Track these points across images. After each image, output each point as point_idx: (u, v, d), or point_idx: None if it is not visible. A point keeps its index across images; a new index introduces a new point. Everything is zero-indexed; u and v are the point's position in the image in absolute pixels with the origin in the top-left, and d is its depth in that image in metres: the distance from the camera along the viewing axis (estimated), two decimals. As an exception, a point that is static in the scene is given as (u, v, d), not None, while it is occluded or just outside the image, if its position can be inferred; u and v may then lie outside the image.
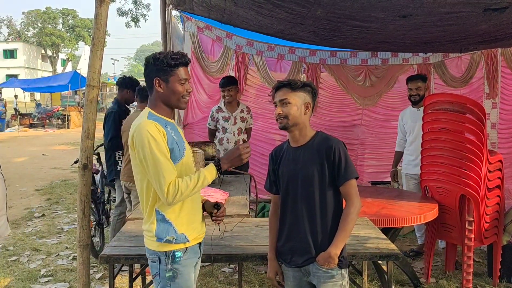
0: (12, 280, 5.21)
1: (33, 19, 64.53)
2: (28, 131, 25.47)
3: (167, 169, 2.50)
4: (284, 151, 2.92)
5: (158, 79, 2.62)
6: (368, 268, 4.78)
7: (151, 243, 2.67)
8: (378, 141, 8.02)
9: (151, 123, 2.54)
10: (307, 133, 2.83)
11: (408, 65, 7.75)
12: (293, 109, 2.75)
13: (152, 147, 2.48)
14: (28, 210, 8.48)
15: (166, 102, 2.68)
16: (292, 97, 2.75)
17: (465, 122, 4.49)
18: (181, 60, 2.64)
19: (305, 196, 2.77)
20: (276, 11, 4.65)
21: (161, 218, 2.63)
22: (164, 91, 2.64)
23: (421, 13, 4.22)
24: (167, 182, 2.49)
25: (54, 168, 12.99)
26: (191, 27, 7.16)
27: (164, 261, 2.64)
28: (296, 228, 2.81)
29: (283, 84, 2.80)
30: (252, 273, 5.18)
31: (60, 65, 64.80)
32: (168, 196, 2.49)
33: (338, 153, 2.72)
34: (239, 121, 6.18)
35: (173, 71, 2.62)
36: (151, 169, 2.50)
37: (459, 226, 4.62)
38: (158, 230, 2.63)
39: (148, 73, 2.66)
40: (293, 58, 7.63)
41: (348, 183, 2.74)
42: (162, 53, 2.65)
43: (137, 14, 24.28)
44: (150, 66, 2.64)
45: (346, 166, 2.72)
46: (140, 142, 2.50)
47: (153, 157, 2.49)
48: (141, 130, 2.51)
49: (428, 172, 4.87)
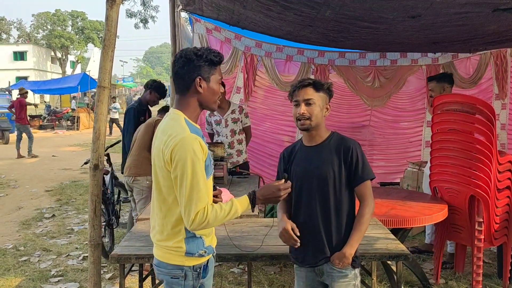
0: (23, 280, 5.25)
1: (42, 21, 64.89)
2: (38, 133, 25.60)
3: (202, 196, 2.31)
4: (297, 151, 2.91)
5: (200, 78, 2.40)
6: (377, 269, 4.78)
7: (175, 258, 2.46)
8: (387, 142, 8.00)
9: (196, 139, 2.32)
10: (323, 133, 2.83)
11: (417, 66, 7.73)
12: (317, 109, 2.74)
13: (194, 169, 2.28)
14: (38, 211, 8.54)
15: (204, 103, 2.48)
16: (316, 98, 2.75)
17: (475, 123, 4.48)
18: (220, 57, 2.46)
19: (320, 195, 2.77)
20: (285, 13, 4.67)
21: (192, 235, 2.46)
22: (204, 91, 2.43)
23: (430, 14, 4.23)
24: (196, 210, 2.30)
25: (64, 169, 13.06)
26: (200, 28, 7.18)
27: (191, 276, 2.47)
28: (311, 227, 2.80)
29: (308, 83, 2.77)
30: (261, 274, 5.19)
31: (69, 67, 65.10)
32: (193, 223, 2.31)
33: (356, 153, 2.73)
34: (231, 122, 6.12)
35: (214, 70, 2.44)
36: (185, 191, 2.29)
37: (469, 227, 4.61)
38: (189, 246, 2.44)
39: (188, 71, 2.41)
40: (302, 59, 7.62)
41: (364, 184, 2.75)
42: (201, 49, 2.43)
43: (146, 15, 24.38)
44: (191, 63, 2.40)
45: (363, 167, 2.73)
46: (182, 159, 2.28)
47: (193, 179, 2.28)
48: (186, 147, 2.28)
49: (438, 172, 4.86)
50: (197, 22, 7.16)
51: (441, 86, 5.42)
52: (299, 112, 2.74)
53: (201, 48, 2.45)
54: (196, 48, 2.45)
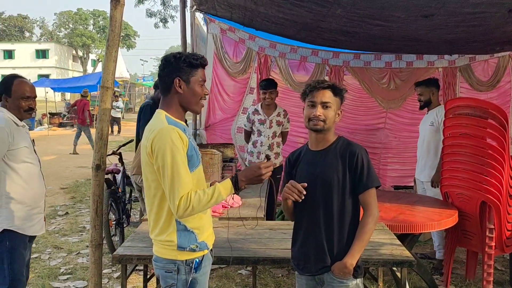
0: (32, 277, 5.28)
1: (64, 20, 65.80)
2: (57, 130, 25.92)
3: (184, 182, 2.39)
4: (303, 155, 2.85)
5: (179, 79, 2.50)
6: (386, 275, 4.72)
7: (168, 252, 2.54)
8: (403, 145, 7.88)
9: (173, 129, 2.42)
10: (331, 137, 2.76)
11: (433, 68, 7.61)
12: (332, 114, 2.69)
13: (173, 157, 2.37)
14: (52, 208, 8.60)
15: (184, 104, 2.57)
16: (333, 102, 2.69)
17: (487, 127, 4.39)
18: (201, 61, 2.56)
19: (323, 201, 2.69)
20: (296, 10, 4.64)
21: (183, 228, 2.53)
22: (184, 92, 2.53)
23: (444, 13, 4.16)
24: (180, 195, 2.38)
25: (79, 167, 13.17)
26: (214, 29, 7.18)
27: (184, 270, 2.53)
28: (312, 234, 2.73)
29: (328, 85, 2.71)
30: (268, 276, 5.16)
31: (90, 66, 65.80)
32: (178, 209, 2.38)
33: (361, 160, 2.65)
34: (275, 124, 6.11)
35: (194, 72, 2.52)
36: (167, 179, 2.39)
37: (480, 234, 4.52)
38: (180, 240, 2.51)
39: (167, 73, 2.53)
40: (316, 60, 7.57)
41: (368, 191, 2.67)
42: (182, 53, 2.55)
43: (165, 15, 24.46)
44: (170, 65, 2.52)
45: (368, 174, 2.65)
46: (161, 149, 2.38)
47: (173, 167, 2.37)
48: (164, 137, 2.39)
49: (449, 177, 4.78)
50: (212, 22, 7.17)
51: (430, 90, 5.47)
52: (315, 114, 2.67)
53: (182, 52, 2.64)
54: (177, 52, 2.61)
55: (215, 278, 5.16)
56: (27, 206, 3.53)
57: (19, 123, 3.52)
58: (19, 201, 3.47)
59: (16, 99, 3.53)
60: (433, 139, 5.38)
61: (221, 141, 7.18)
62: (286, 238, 3.47)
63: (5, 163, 3.39)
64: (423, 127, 5.63)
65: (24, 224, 3.53)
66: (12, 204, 3.44)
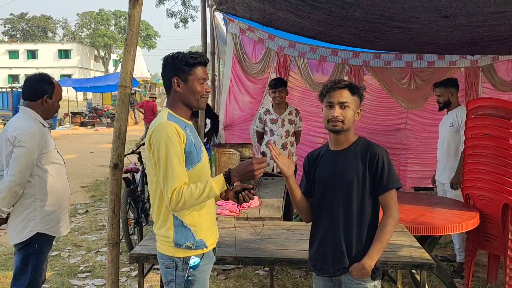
0: (52, 274, 5.33)
1: (87, 20, 66.63)
2: (79, 129, 26.22)
3: (177, 175, 2.43)
4: (322, 155, 2.81)
5: (177, 78, 2.57)
6: (405, 277, 4.66)
7: (167, 248, 2.59)
8: (423, 146, 7.77)
9: (170, 124, 2.47)
10: (351, 138, 2.72)
11: (455, 68, 7.50)
12: (350, 113, 2.64)
13: (168, 150, 2.42)
14: (72, 207, 8.67)
15: (185, 102, 2.62)
16: (351, 101, 2.65)
17: (510, 128, 4.30)
18: (200, 59, 2.59)
19: (342, 202, 2.66)
20: (314, 13, 4.60)
21: (179, 223, 2.57)
22: (183, 91, 2.59)
23: (465, 13, 4.08)
24: (172, 188, 2.42)
25: (100, 166, 13.30)
26: (234, 28, 7.17)
27: (181, 267, 2.56)
28: (331, 235, 2.69)
29: (345, 85, 2.66)
30: (286, 277, 5.13)
31: (112, 66, 66.49)
32: (171, 202, 2.42)
33: (382, 160, 2.61)
34: (287, 123, 6.09)
35: (192, 70, 2.57)
36: (161, 172, 2.45)
37: (502, 236, 4.43)
38: (176, 236, 2.56)
39: (167, 73, 2.61)
40: (336, 60, 7.51)
41: (389, 193, 2.62)
42: (180, 53, 2.61)
43: (185, 15, 24.55)
44: (169, 65, 2.60)
45: (389, 175, 2.61)
46: (157, 143, 2.45)
47: (167, 160, 2.43)
48: (160, 131, 2.45)
49: (470, 179, 4.70)
50: (231, 22, 7.16)
51: (448, 91, 5.38)
52: (333, 115, 2.63)
53: (180, 52, 2.63)
54: (175, 52, 2.64)
55: (232, 277, 5.16)
56: (58, 207, 3.56)
57: (45, 124, 3.53)
58: (51, 204, 3.50)
59: (56, 101, 3.56)
60: (453, 141, 5.31)
61: (239, 141, 7.16)
62: (304, 239, 3.44)
63: (38, 167, 3.40)
64: (442, 128, 5.56)
65: (55, 226, 3.56)
66: (46, 207, 3.46)
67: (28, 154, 3.28)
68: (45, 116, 3.53)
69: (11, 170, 3.27)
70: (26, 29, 72.89)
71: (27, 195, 3.38)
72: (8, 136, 3.30)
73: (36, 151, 3.33)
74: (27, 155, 3.28)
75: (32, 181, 3.38)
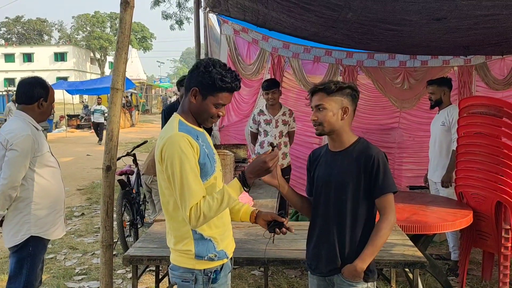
0: (48, 277, 5.34)
1: (82, 23, 66.47)
2: (75, 132, 26.18)
3: (193, 192, 2.30)
4: (322, 155, 2.82)
5: (196, 90, 2.40)
6: (400, 276, 4.68)
7: (185, 260, 2.44)
8: (417, 145, 7.80)
9: (183, 136, 2.32)
10: (347, 138, 2.70)
11: (448, 67, 7.53)
12: (329, 115, 2.62)
13: (182, 165, 2.28)
14: (68, 209, 8.67)
15: (194, 114, 2.46)
16: (328, 102, 2.61)
17: (502, 126, 4.33)
18: (230, 85, 2.39)
19: (337, 203, 2.66)
20: (306, 15, 4.62)
21: (199, 237, 2.43)
22: (197, 104, 2.42)
23: (456, 16, 4.11)
24: (189, 206, 2.28)
25: (96, 168, 13.26)
26: (228, 30, 7.19)
27: (201, 280, 2.43)
28: (325, 235, 2.70)
29: (319, 88, 2.66)
30: (281, 277, 5.15)
31: (108, 68, 66.30)
32: (191, 220, 2.30)
33: (377, 163, 2.58)
34: (281, 124, 6.11)
35: (215, 93, 2.39)
36: (177, 189, 2.30)
37: (495, 234, 4.46)
38: (198, 249, 2.42)
39: (192, 77, 2.42)
40: (330, 61, 7.53)
41: (385, 196, 2.60)
42: (216, 65, 2.39)
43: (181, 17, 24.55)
44: (197, 73, 2.40)
45: (384, 179, 2.58)
46: (170, 158, 2.30)
47: (182, 176, 2.28)
48: (172, 145, 2.30)
49: (463, 177, 4.73)
50: (225, 23, 7.18)
51: (441, 89, 5.41)
52: (311, 118, 2.67)
53: (217, 63, 2.41)
54: (212, 61, 2.41)
55: (228, 279, 5.16)
56: (53, 210, 3.57)
57: (39, 127, 3.55)
58: (46, 207, 3.51)
59: (51, 103, 3.58)
60: (445, 139, 5.34)
61: (235, 142, 7.18)
62: (297, 238, 3.45)
63: (31, 170, 3.41)
64: (434, 127, 5.59)
65: (49, 229, 3.57)
66: (40, 210, 3.48)
67: (21, 157, 3.29)
68: (39, 119, 3.55)
69: (3, 174, 3.29)
70: (22, 32, 72.78)
71: (21, 199, 3.40)
72: (1, 140, 3.32)
73: (29, 155, 3.34)
74: (19, 158, 3.29)
75: (26, 184, 3.39)
